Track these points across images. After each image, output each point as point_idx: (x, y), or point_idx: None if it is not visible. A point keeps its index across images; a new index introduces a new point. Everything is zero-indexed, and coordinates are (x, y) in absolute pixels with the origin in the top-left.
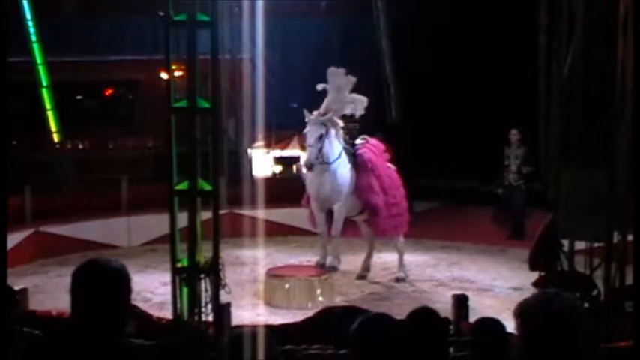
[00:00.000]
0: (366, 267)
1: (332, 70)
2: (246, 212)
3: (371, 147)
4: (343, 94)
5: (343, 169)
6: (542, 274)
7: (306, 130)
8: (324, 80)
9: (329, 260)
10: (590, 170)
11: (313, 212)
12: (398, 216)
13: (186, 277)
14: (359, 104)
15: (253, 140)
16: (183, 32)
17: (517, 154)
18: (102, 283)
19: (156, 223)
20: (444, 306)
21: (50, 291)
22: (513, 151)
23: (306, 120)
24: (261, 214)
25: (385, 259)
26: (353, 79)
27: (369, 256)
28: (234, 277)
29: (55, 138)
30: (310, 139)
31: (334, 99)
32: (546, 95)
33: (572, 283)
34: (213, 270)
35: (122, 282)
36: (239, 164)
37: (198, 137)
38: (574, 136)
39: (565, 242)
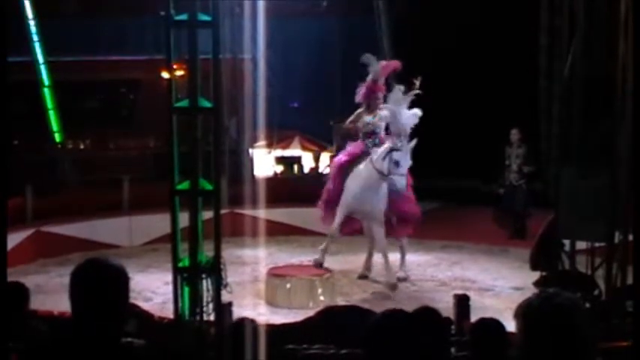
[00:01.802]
0: (368, 267)
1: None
2: (247, 212)
3: None
4: (404, 108)
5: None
6: (544, 273)
7: (398, 157)
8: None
9: (401, 273)
10: (591, 170)
11: (338, 212)
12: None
13: (187, 276)
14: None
15: (255, 140)
16: (185, 32)
17: (518, 154)
18: (101, 282)
19: (157, 223)
20: (445, 306)
21: (51, 291)
22: (514, 150)
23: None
24: (262, 213)
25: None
26: (411, 96)
27: (370, 256)
28: (236, 277)
29: (56, 138)
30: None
31: (405, 116)
32: (547, 95)
33: (573, 283)
34: (215, 270)
35: (121, 281)
36: (240, 164)
37: (200, 137)
38: (575, 135)
39: (566, 242)
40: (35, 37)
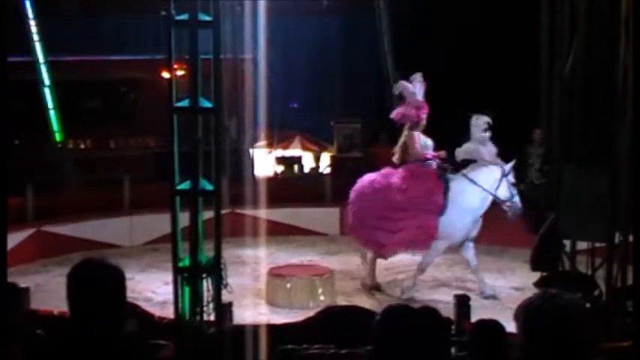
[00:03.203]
0: (372, 274)
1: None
2: (248, 212)
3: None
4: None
5: None
6: (544, 274)
7: (511, 178)
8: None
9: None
10: (592, 170)
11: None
12: None
13: (188, 276)
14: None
15: (255, 139)
16: (185, 32)
17: (539, 153)
18: (97, 283)
19: (158, 223)
20: (445, 306)
21: (52, 290)
22: (536, 149)
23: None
24: (262, 213)
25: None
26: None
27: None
28: (236, 277)
29: (57, 137)
30: None
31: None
32: (548, 95)
33: (573, 284)
34: (215, 269)
35: (117, 280)
36: (241, 164)
37: (200, 137)
38: (576, 135)
39: (567, 242)
40: (36, 37)
